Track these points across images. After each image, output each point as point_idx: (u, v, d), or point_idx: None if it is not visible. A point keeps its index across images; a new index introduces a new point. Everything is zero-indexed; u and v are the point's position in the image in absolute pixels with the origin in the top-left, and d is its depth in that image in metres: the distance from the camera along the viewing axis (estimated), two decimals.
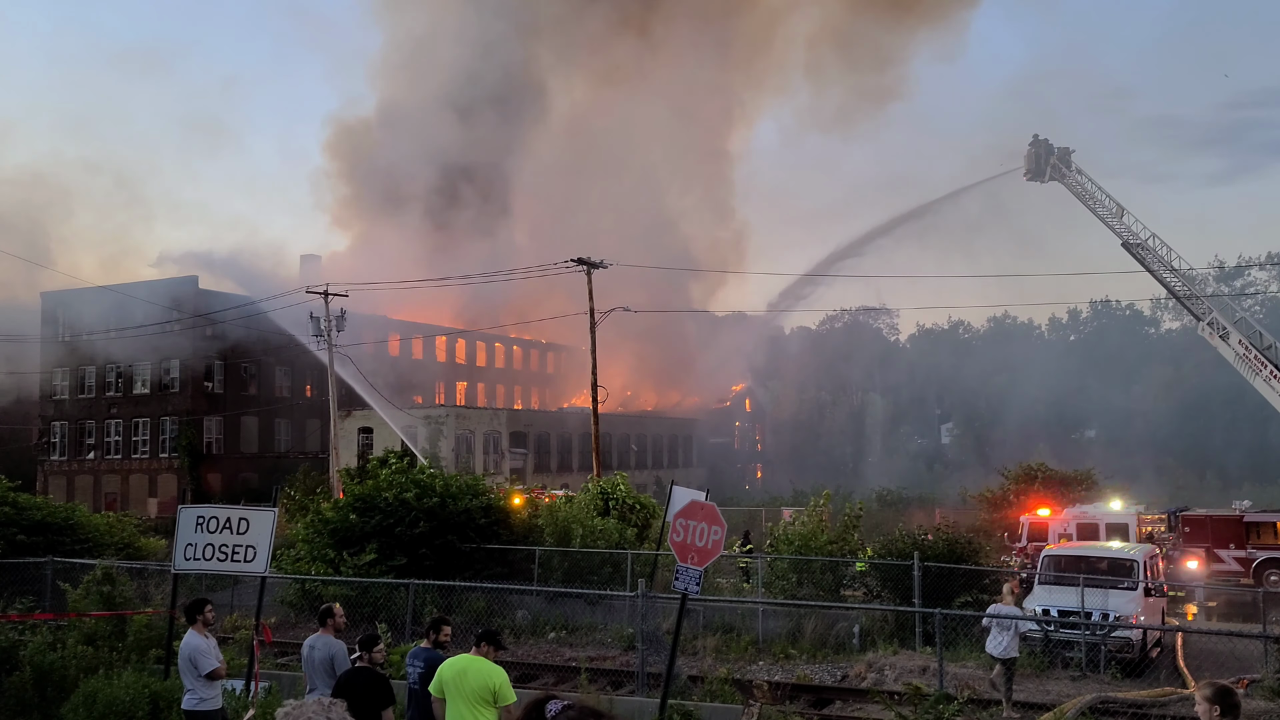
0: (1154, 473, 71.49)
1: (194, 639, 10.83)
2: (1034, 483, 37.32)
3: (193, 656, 10.72)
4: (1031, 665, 18.20)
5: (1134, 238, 38.39)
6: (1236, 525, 30.30)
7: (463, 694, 8.76)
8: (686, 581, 11.70)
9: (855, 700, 16.17)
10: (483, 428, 66.08)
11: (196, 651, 10.72)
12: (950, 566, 21.20)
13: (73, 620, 15.59)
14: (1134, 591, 19.88)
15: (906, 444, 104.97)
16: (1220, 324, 36.54)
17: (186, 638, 10.95)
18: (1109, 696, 15.21)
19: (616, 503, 28.50)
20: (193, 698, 10.74)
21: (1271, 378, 34.54)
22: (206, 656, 10.68)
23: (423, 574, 21.59)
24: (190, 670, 10.70)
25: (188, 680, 10.76)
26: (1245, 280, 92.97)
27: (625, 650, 19.64)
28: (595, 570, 24.48)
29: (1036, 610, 19.45)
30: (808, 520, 24.57)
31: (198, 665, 10.65)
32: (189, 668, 10.72)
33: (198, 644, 10.76)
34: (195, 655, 10.72)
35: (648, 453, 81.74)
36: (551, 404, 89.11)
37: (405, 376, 68.98)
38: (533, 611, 22.92)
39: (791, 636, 20.84)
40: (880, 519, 41.39)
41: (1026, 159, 42.02)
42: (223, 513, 13.04)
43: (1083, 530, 28.42)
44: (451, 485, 25.25)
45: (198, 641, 10.78)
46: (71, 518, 26.68)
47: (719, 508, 12.08)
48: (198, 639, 10.81)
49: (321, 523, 24.25)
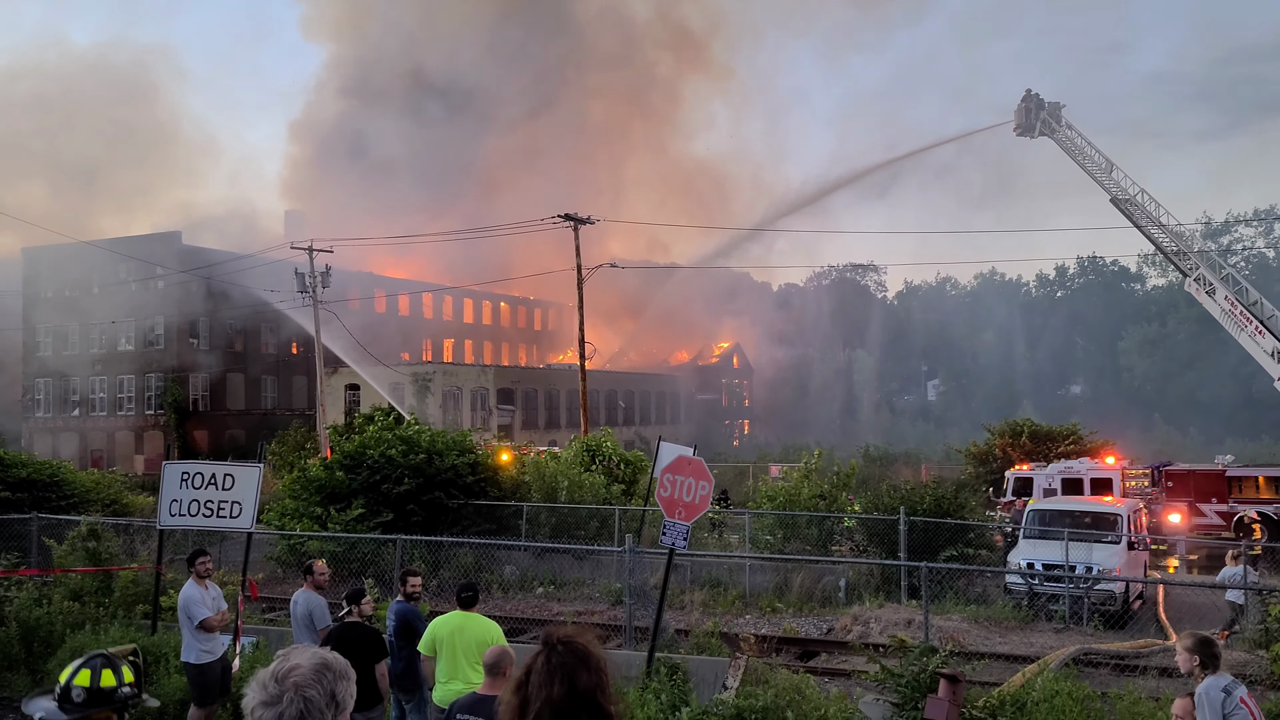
0: (1139, 428, 72.02)
1: (189, 589, 10.75)
2: (1019, 438, 37.53)
3: (186, 606, 10.66)
4: (1015, 618, 18.39)
5: (1122, 193, 38.28)
6: (1218, 480, 30.58)
7: (463, 649, 8.72)
8: (674, 536, 11.70)
9: (841, 652, 16.32)
10: (470, 384, 65.99)
11: (190, 601, 10.63)
12: (936, 521, 21.34)
13: (58, 576, 15.56)
14: (1117, 545, 20.07)
15: (894, 400, 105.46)
16: (1207, 280, 36.59)
17: (183, 588, 10.91)
18: (1091, 648, 15.37)
19: (603, 459, 28.54)
20: (189, 650, 10.68)
21: (1256, 333, 34.65)
22: (199, 606, 10.57)
23: (410, 530, 21.60)
24: (186, 621, 10.64)
25: (185, 632, 10.70)
26: (1232, 236, 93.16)
27: (613, 605, 19.74)
28: (583, 526, 24.57)
29: (1021, 564, 19.63)
30: (796, 477, 24.67)
31: (191, 615, 10.58)
32: (185, 619, 10.66)
33: (190, 594, 10.67)
34: (189, 605, 10.64)
35: (635, 409, 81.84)
36: (539, 361, 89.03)
37: (392, 333, 68.72)
38: (521, 567, 23.00)
39: (778, 591, 20.99)
40: (867, 474, 41.61)
41: (1017, 114, 41.75)
42: (208, 469, 12.96)
43: (1067, 485, 28.64)
44: (438, 441, 25.19)
45: (191, 591, 10.69)
46: (57, 474, 26.61)
47: (706, 464, 12.07)
48: (193, 589, 10.72)
49: (308, 479, 24.20)
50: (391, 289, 72.81)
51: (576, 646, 2.87)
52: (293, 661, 2.63)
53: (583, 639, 2.92)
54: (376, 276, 72.18)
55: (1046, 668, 11.94)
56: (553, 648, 2.87)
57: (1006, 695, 10.32)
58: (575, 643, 2.89)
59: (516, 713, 2.83)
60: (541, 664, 2.86)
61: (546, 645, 2.90)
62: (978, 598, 20.20)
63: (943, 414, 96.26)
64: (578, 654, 2.85)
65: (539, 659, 2.87)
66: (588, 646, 2.91)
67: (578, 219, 40.24)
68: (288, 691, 2.56)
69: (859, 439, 68.15)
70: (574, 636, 2.93)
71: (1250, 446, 60.75)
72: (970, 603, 19.55)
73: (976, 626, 17.95)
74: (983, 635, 17.41)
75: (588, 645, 2.91)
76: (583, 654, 2.86)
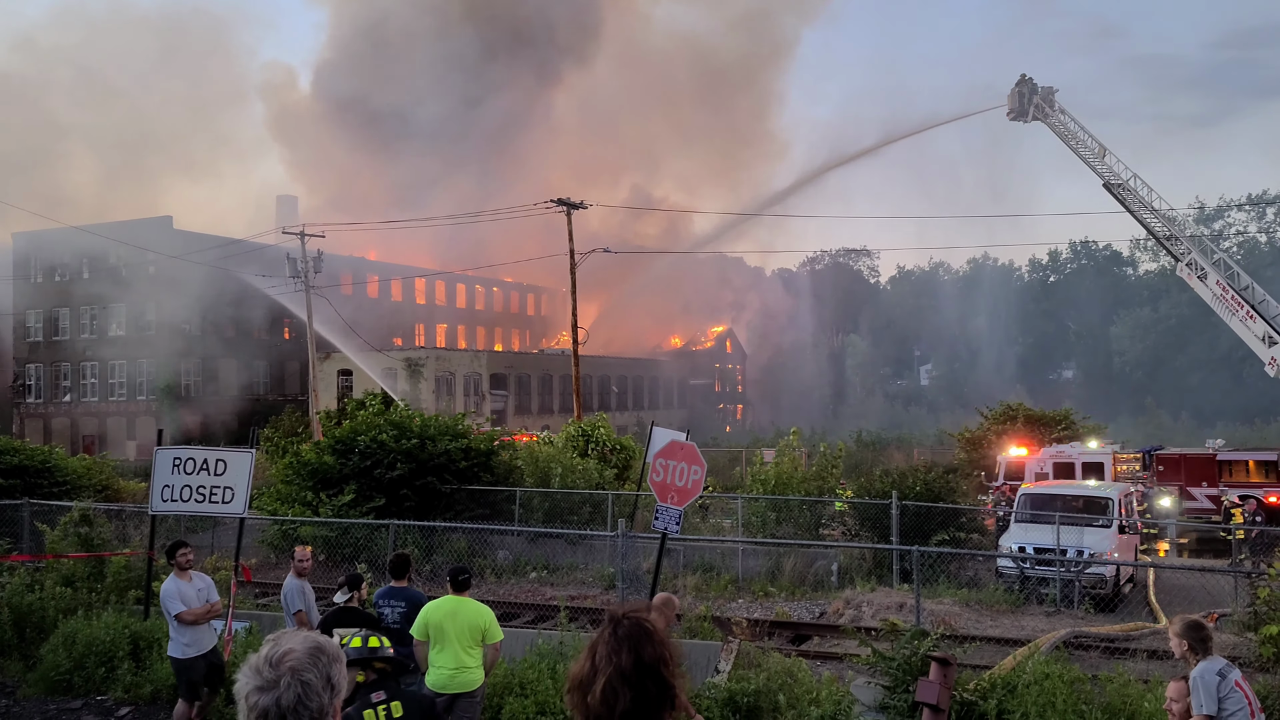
0: (1130, 412, 72.23)
1: (168, 584, 10.39)
2: (1012, 423, 37.58)
3: (164, 601, 10.31)
4: (1007, 601, 18.48)
5: (1115, 178, 38.27)
6: (1209, 464, 30.68)
7: (456, 634, 8.73)
8: (666, 521, 11.72)
9: (832, 636, 16.37)
10: (463, 369, 65.93)
11: (166, 596, 10.27)
12: (928, 505, 21.40)
13: (50, 562, 15.53)
14: (1108, 529, 20.14)
15: (886, 385, 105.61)
16: (1199, 265, 36.63)
17: (164, 582, 10.53)
18: (1082, 631, 15.45)
19: (596, 444, 28.55)
20: (173, 644, 10.37)
21: (1248, 318, 34.73)
22: (174, 600, 10.18)
23: (403, 515, 21.58)
24: (167, 615, 10.36)
25: (170, 626, 10.39)
26: (1225, 222, 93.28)
27: (606, 589, 19.80)
28: (576, 511, 24.60)
29: (1013, 548, 19.71)
30: (783, 460, 24.70)
31: (167, 609, 10.28)
32: (166, 613, 10.37)
33: (168, 588, 10.31)
34: (165, 600, 10.29)
35: (629, 394, 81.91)
36: (533, 346, 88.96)
37: (385, 318, 68.56)
38: (514, 552, 23.03)
39: (771, 575, 21.05)
40: (859, 459, 41.68)
41: (1010, 98, 41.65)
42: (200, 454, 12.95)
43: (1059, 469, 28.71)
44: (430, 426, 25.14)
45: (169, 586, 10.33)
46: (49, 460, 26.58)
47: (699, 449, 12.07)
48: (172, 583, 10.35)
49: (300, 464, 24.17)
50: (384, 274, 72.61)
51: (641, 621, 3.04)
52: (286, 645, 2.61)
53: (646, 615, 3.09)
54: (369, 262, 72.00)
55: (1037, 651, 12.00)
56: (618, 622, 3.03)
57: (997, 678, 10.36)
58: (639, 617, 3.05)
59: (587, 681, 2.98)
60: (609, 635, 3.01)
61: (612, 620, 3.06)
62: (969, 581, 20.30)
63: (935, 399, 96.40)
64: (643, 628, 3.02)
65: (605, 631, 3.03)
66: (650, 621, 3.07)
67: (570, 204, 40.17)
68: (284, 676, 2.53)
69: (852, 424, 68.22)
70: (638, 611, 3.09)
71: (1241, 430, 60.97)
72: (962, 586, 19.64)
73: (968, 610, 18.03)
74: (974, 619, 17.49)
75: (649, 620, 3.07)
76: (647, 628, 3.03)
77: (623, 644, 2.96)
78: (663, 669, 2.97)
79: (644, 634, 3.00)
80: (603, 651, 2.98)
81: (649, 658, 2.95)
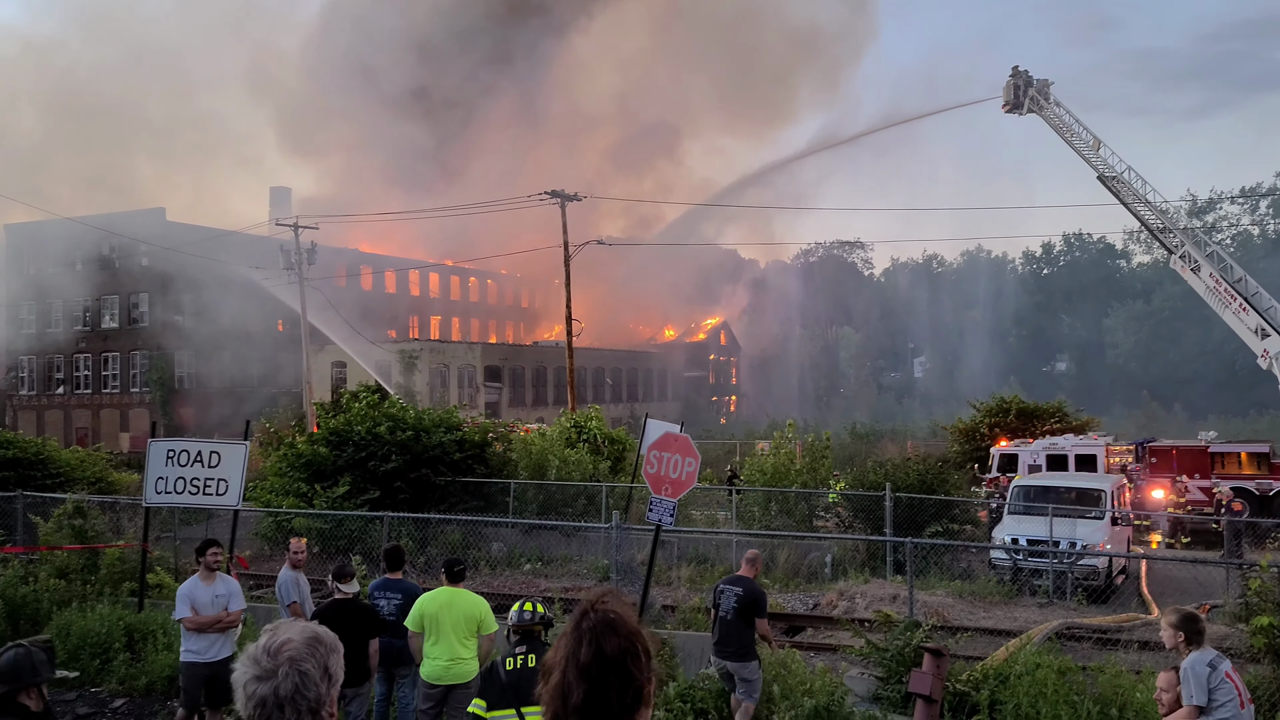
0: (1123, 405, 72.44)
1: (185, 584, 9.78)
2: (1005, 415, 37.66)
3: (177, 600, 9.69)
4: (999, 593, 18.54)
5: (1109, 171, 38.27)
6: (1201, 456, 30.78)
7: (451, 626, 8.72)
8: (660, 513, 11.74)
9: (827, 627, 16.44)
10: (457, 362, 65.88)
11: (178, 596, 9.66)
12: (921, 497, 21.45)
13: (44, 554, 15.53)
14: (1101, 521, 20.22)
15: (880, 377, 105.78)
16: (1192, 257, 36.67)
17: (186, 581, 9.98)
18: (1075, 623, 15.52)
19: (589, 436, 28.54)
20: (182, 646, 9.73)
21: (1240, 310, 34.76)
22: (182, 603, 9.56)
23: (398, 507, 21.58)
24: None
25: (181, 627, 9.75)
26: (1217, 214, 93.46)
27: (600, 581, 19.81)
28: (570, 503, 24.60)
29: (1006, 539, 19.77)
30: (777, 453, 24.74)
31: (176, 610, 9.69)
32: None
33: (182, 589, 9.73)
34: (177, 600, 9.66)
35: (623, 387, 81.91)
36: (527, 338, 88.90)
37: (379, 310, 68.46)
38: (508, 544, 23.04)
39: (765, 566, 21.06)
40: (853, 451, 41.76)
41: (1005, 90, 41.62)
42: (193, 446, 12.95)
43: (1052, 461, 28.79)
44: (424, 419, 25.13)
45: (184, 586, 9.75)
46: (42, 452, 26.52)
47: (693, 441, 12.10)
48: (187, 585, 9.72)
49: (294, 456, 24.13)
50: (378, 266, 72.47)
51: (607, 613, 2.88)
52: (284, 635, 2.62)
53: (615, 606, 2.92)
54: (363, 253, 71.83)
55: (1030, 642, 12.05)
56: (584, 614, 2.88)
57: (990, 669, 10.42)
58: (606, 609, 2.89)
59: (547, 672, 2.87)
60: (573, 627, 2.89)
61: (580, 611, 2.92)
62: (962, 573, 20.36)
63: (929, 391, 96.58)
64: (607, 620, 2.85)
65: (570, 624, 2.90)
66: (619, 612, 2.90)
67: (565, 195, 40.13)
68: (282, 665, 2.54)
69: (846, 416, 68.33)
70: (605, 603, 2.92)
71: (1234, 422, 61.19)
72: (955, 578, 19.70)
73: (961, 601, 18.10)
74: (967, 610, 17.55)
75: (619, 611, 2.90)
76: (612, 620, 2.86)
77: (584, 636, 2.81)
78: (630, 663, 2.80)
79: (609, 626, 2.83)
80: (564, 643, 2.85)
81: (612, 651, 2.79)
